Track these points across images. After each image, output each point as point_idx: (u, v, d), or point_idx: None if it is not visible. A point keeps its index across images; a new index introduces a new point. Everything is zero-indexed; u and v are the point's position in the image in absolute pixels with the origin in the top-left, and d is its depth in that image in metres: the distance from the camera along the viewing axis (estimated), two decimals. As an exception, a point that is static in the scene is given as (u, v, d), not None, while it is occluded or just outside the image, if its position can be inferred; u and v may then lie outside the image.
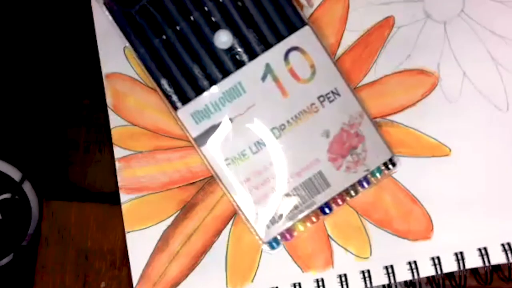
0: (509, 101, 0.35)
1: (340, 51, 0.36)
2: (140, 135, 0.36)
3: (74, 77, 0.38)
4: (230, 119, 0.33)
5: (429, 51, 0.36)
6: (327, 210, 0.34)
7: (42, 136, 0.38)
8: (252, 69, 0.33)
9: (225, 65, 0.34)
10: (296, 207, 0.33)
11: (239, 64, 0.33)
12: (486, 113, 0.35)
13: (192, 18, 0.33)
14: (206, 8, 0.33)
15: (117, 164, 0.35)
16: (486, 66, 0.36)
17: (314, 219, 0.34)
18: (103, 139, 0.37)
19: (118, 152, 0.36)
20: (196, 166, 0.35)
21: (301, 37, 0.33)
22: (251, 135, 0.33)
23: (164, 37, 0.33)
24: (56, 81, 0.38)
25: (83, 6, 0.36)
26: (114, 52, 0.36)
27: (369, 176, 0.34)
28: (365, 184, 0.34)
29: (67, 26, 0.38)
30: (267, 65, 0.33)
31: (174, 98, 0.34)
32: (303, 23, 0.34)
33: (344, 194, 0.34)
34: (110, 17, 0.34)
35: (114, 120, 0.36)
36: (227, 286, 0.34)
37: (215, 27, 0.33)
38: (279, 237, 0.34)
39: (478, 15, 0.36)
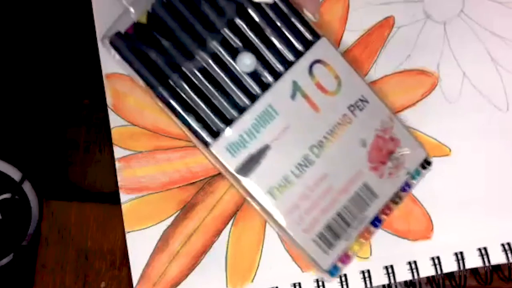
0: (509, 101, 0.35)
1: (340, 51, 0.36)
2: (140, 135, 0.36)
3: (74, 77, 0.38)
4: (268, 145, 0.32)
5: (429, 51, 0.36)
6: (377, 223, 0.33)
7: (42, 136, 0.38)
8: (280, 89, 0.32)
9: (251, 89, 0.32)
10: (349, 225, 0.32)
11: (265, 87, 0.32)
12: (486, 113, 0.35)
13: (211, 46, 0.32)
14: (223, 34, 0.32)
15: (117, 164, 0.35)
16: (486, 66, 0.36)
17: (367, 235, 0.33)
18: (103, 139, 0.37)
19: (118, 152, 0.36)
20: (196, 166, 0.35)
21: (320, 49, 0.33)
22: (292, 157, 0.32)
23: (184, 69, 0.32)
24: (56, 81, 0.38)
25: (84, 6, 0.36)
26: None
27: (409, 179, 0.33)
28: (407, 188, 0.33)
29: (67, 26, 0.38)
30: (294, 83, 0.32)
31: (204, 133, 0.32)
32: (318, 36, 0.33)
33: (390, 203, 0.33)
34: (117, 56, 0.32)
35: (114, 120, 0.36)
36: (227, 286, 0.34)
37: (234, 53, 0.32)
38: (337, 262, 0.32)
39: (477, 15, 0.36)
